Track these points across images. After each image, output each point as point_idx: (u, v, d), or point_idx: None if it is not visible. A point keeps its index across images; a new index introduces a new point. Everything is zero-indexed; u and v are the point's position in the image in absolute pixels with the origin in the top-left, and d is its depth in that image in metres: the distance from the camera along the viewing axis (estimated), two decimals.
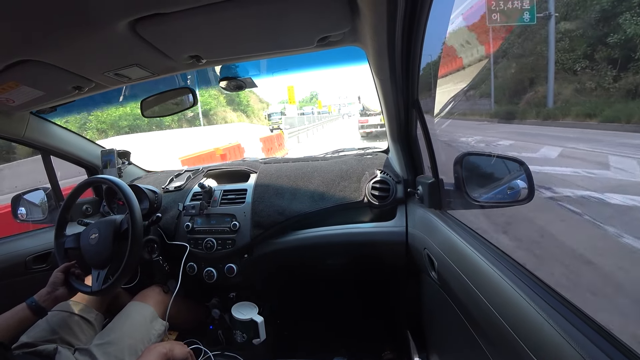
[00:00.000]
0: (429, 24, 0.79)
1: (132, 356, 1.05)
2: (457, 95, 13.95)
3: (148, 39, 0.81)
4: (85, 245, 1.16)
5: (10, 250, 1.42)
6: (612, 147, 5.52)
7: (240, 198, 1.43)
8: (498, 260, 0.72)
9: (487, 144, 8.04)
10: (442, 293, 0.95)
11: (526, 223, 3.06)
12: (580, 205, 3.40)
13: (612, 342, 0.47)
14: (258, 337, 1.33)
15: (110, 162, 1.69)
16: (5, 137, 1.34)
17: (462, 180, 1.00)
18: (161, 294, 1.30)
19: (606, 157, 5.07)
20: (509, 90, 11.92)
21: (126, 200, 1.14)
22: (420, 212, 1.20)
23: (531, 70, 11.31)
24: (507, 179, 0.97)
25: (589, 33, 9.79)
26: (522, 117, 10.22)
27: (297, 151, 12.51)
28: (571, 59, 9.95)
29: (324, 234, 1.33)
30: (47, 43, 0.77)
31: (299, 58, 1.14)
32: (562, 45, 10.26)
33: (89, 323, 1.17)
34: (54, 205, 1.61)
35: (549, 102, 9.91)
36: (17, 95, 1.06)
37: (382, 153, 1.59)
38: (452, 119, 12.31)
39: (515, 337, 0.56)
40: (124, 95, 2.64)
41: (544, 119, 9.35)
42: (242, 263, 1.36)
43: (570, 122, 8.33)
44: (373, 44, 0.86)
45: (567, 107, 9.09)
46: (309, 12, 0.78)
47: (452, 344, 1.01)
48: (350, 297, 1.68)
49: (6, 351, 0.85)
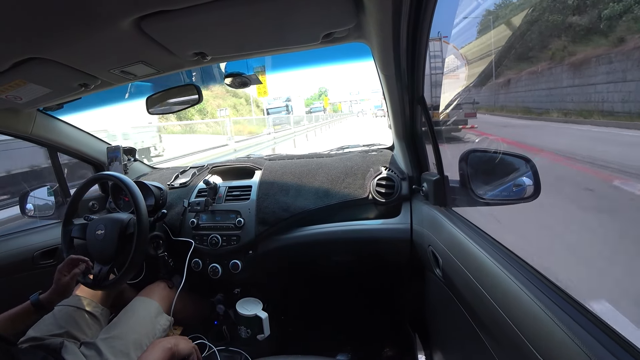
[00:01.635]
0: (435, 20, 0.78)
1: (137, 350, 1.06)
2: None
3: (153, 36, 0.81)
4: (91, 238, 1.17)
5: (18, 245, 1.44)
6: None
7: (245, 195, 1.44)
8: (503, 258, 0.72)
9: None
10: (447, 290, 0.95)
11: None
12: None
13: (619, 342, 0.46)
14: (262, 333, 1.34)
15: (116, 158, 1.71)
16: (13, 133, 1.35)
17: (468, 177, 0.99)
18: (166, 290, 1.31)
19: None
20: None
21: (132, 197, 1.15)
22: (425, 209, 1.20)
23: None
24: (513, 176, 0.96)
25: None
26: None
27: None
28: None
29: (329, 230, 1.33)
30: (54, 41, 0.77)
31: (304, 54, 1.13)
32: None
33: (95, 318, 1.18)
34: (60, 202, 1.63)
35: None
36: (24, 92, 1.07)
37: (387, 150, 1.58)
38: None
39: (520, 335, 0.56)
40: (129, 92, 2.65)
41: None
42: (246, 259, 1.37)
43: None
44: (378, 40, 0.85)
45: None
46: (314, 9, 0.78)
47: (456, 341, 1.00)
48: (354, 294, 1.68)
49: (10, 346, 0.86)
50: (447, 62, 5.17)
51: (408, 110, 1.19)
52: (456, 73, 5.68)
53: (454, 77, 5.66)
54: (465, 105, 6.19)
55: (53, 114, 1.46)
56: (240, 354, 1.29)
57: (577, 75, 3.03)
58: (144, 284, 1.34)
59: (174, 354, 0.98)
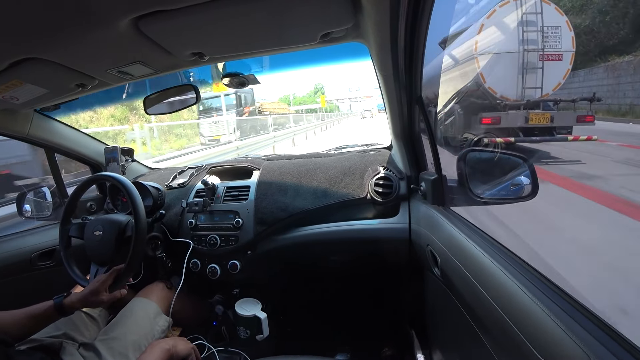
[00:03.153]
0: (432, 20, 0.78)
1: (136, 351, 1.05)
2: None
3: (151, 36, 0.81)
4: (89, 239, 1.17)
5: (16, 247, 1.43)
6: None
7: (243, 195, 1.44)
8: (501, 256, 0.72)
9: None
10: (445, 290, 0.95)
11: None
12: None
13: (617, 340, 0.46)
14: (261, 333, 1.34)
15: (114, 159, 1.70)
16: (10, 134, 1.35)
17: (466, 177, 0.99)
18: (165, 290, 1.31)
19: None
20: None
21: (130, 198, 1.14)
22: (423, 209, 1.20)
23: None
24: (510, 175, 0.96)
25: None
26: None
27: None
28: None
29: (327, 230, 1.33)
30: (51, 41, 0.77)
31: (302, 54, 1.13)
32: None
33: (93, 319, 1.18)
34: (58, 203, 1.62)
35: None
36: (21, 93, 1.06)
37: (385, 149, 1.58)
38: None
39: (519, 334, 0.56)
40: (126, 93, 2.64)
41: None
42: (245, 260, 1.37)
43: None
44: (376, 39, 0.85)
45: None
46: (311, 8, 0.78)
47: (455, 340, 1.01)
48: (353, 294, 1.68)
49: (7, 347, 0.86)
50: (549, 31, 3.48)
51: (406, 110, 1.19)
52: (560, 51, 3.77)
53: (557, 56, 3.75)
54: (577, 102, 3.78)
55: (50, 114, 1.46)
56: (240, 354, 1.29)
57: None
58: (142, 285, 1.34)
59: (173, 355, 0.97)
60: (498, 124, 4.80)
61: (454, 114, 5.79)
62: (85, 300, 1.03)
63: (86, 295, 1.02)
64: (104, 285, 1.04)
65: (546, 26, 3.41)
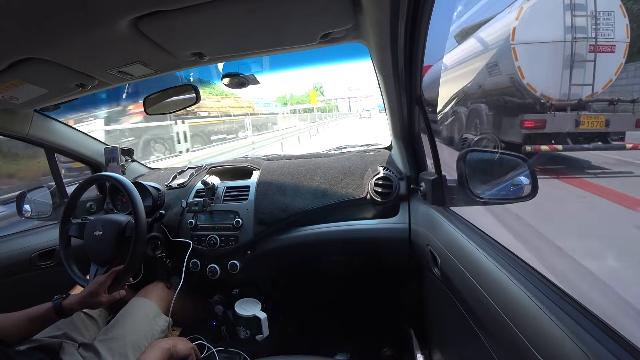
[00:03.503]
0: (432, 20, 0.79)
1: (136, 352, 1.05)
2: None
3: (151, 36, 0.81)
4: (89, 239, 1.17)
5: (16, 247, 1.43)
6: None
7: (243, 195, 1.44)
8: (501, 256, 0.72)
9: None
10: (445, 289, 0.95)
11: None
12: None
13: (613, 337, 0.47)
14: (261, 333, 1.34)
15: (114, 159, 1.70)
16: (10, 134, 1.35)
17: (465, 177, 0.99)
18: (164, 290, 1.31)
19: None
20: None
21: (130, 198, 1.14)
22: (423, 209, 1.20)
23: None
24: (510, 175, 0.96)
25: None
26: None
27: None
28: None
29: (327, 230, 1.33)
30: (51, 41, 0.77)
31: (302, 54, 1.13)
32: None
33: (93, 319, 1.18)
34: (58, 203, 1.62)
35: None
36: (20, 93, 1.06)
37: (385, 149, 1.59)
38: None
39: (518, 333, 0.56)
40: (126, 93, 2.64)
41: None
42: (245, 260, 1.37)
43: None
44: (376, 40, 0.86)
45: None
46: (311, 9, 0.78)
47: (455, 340, 1.01)
48: (353, 294, 1.68)
49: (7, 348, 0.86)
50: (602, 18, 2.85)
51: (406, 110, 1.19)
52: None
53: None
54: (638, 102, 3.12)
55: (50, 114, 1.46)
56: (239, 354, 1.29)
57: None
58: (142, 285, 1.34)
59: (173, 355, 0.97)
60: (542, 128, 3.88)
61: (480, 114, 5.02)
62: (84, 302, 1.02)
63: (85, 296, 1.02)
64: (103, 286, 1.04)
65: (598, 11, 2.87)
